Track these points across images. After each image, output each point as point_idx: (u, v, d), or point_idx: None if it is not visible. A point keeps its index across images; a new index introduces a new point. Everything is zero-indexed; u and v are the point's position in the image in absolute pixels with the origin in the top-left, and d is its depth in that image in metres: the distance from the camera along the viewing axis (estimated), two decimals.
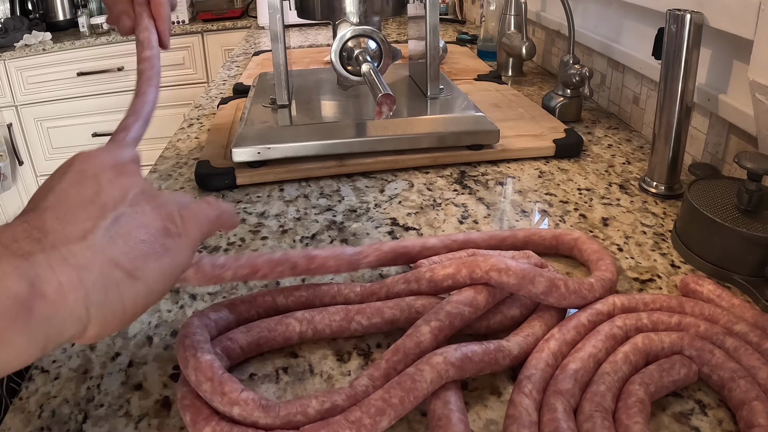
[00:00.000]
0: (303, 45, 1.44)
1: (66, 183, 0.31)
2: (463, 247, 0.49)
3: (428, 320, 0.39)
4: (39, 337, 0.25)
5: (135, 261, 0.29)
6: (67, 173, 0.31)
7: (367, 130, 0.71)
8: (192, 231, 0.33)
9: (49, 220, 0.28)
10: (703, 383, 0.38)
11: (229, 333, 0.40)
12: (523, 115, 0.82)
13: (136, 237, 0.30)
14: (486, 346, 0.38)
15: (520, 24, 1.03)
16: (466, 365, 0.36)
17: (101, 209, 0.30)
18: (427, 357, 0.36)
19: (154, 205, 0.32)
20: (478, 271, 0.41)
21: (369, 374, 0.37)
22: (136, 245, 0.29)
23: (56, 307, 0.25)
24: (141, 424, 0.37)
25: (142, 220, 0.31)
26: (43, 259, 0.26)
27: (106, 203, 0.30)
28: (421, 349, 0.38)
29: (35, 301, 0.25)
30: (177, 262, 0.32)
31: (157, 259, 0.30)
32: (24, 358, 0.25)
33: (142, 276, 0.29)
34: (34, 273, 0.25)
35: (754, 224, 0.46)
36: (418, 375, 0.35)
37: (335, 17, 0.70)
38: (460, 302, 0.40)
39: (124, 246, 0.29)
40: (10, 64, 2.25)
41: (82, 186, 0.30)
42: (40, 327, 0.25)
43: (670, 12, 0.57)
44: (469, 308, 0.40)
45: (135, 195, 0.31)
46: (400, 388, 0.34)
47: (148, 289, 0.30)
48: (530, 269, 0.40)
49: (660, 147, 0.61)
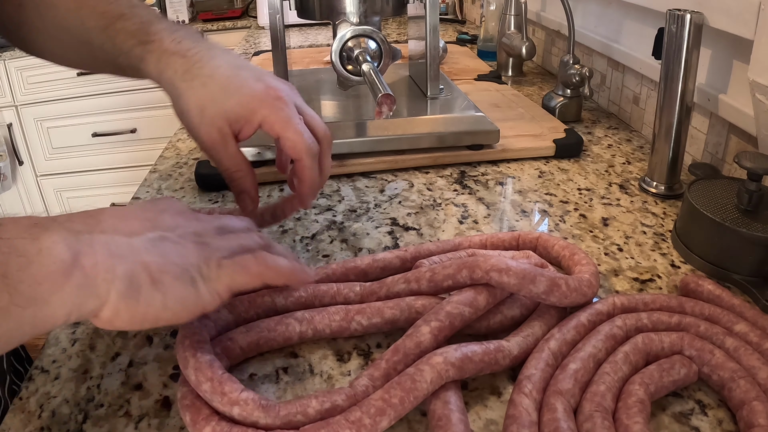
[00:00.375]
0: (303, 45, 1.44)
1: (137, 205, 0.36)
2: (417, 258, 0.49)
3: (428, 320, 0.39)
4: (68, 302, 0.28)
5: (162, 274, 0.32)
6: (146, 203, 0.37)
7: (367, 130, 0.71)
8: (224, 279, 0.34)
9: (106, 217, 0.32)
10: (703, 383, 0.38)
11: (229, 333, 0.41)
12: (523, 115, 0.82)
13: (171, 258, 0.33)
14: (486, 346, 0.38)
15: (520, 24, 1.03)
16: (466, 365, 0.36)
17: (153, 225, 0.34)
18: (427, 357, 0.36)
19: (199, 246, 0.35)
20: (478, 272, 0.41)
21: (369, 374, 0.37)
22: (169, 264, 0.32)
23: (88, 280, 0.29)
24: (141, 424, 0.37)
25: (182, 251, 0.34)
26: (88, 238, 0.30)
27: (158, 224, 0.34)
28: (421, 349, 0.38)
29: (74, 270, 0.28)
30: (198, 298, 0.33)
31: (182, 285, 0.32)
32: (53, 321, 0.28)
33: (162, 289, 0.31)
34: (79, 247, 0.29)
35: (754, 224, 0.46)
36: (418, 375, 0.35)
37: (335, 17, 0.70)
38: (460, 302, 0.40)
39: (159, 259, 0.32)
40: (10, 64, 2.25)
41: (147, 211, 0.35)
42: (72, 293, 0.28)
43: (670, 12, 0.57)
44: (469, 309, 0.40)
45: (186, 232, 0.35)
46: (400, 388, 0.34)
47: (163, 303, 0.31)
48: (531, 269, 0.40)
49: (660, 147, 0.61)
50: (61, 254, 0.28)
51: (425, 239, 0.56)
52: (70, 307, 0.28)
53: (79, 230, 0.30)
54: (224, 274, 0.34)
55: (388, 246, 0.55)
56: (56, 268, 0.28)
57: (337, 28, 0.69)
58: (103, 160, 2.51)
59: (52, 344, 0.44)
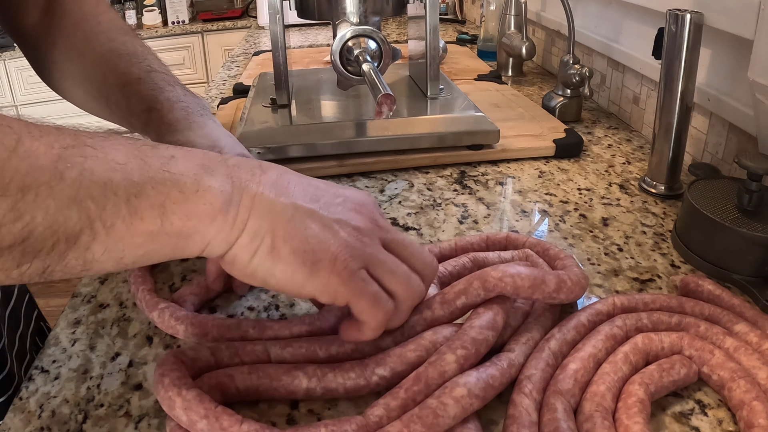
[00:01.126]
0: (303, 45, 1.44)
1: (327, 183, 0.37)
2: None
3: (453, 348, 0.36)
4: (206, 239, 0.31)
5: (284, 244, 0.32)
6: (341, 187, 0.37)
7: (367, 130, 0.71)
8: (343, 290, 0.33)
9: (272, 172, 0.34)
10: (703, 383, 0.38)
11: (229, 369, 0.37)
12: (523, 115, 0.82)
13: (309, 240, 0.33)
14: (500, 365, 0.36)
15: (520, 24, 1.03)
16: (488, 393, 0.35)
17: (312, 199, 0.34)
18: (449, 388, 0.34)
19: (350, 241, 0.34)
20: (491, 281, 0.39)
21: (385, 404, 0.34)
22: (301, 243, 0.33)
23: (226, 225, 0.32)
24: (141, 424, 0.37)
25: (326, 235, 0.33)
26: (242, 189, 0.32)
27: (319, 200, 0.35)
28: (444, 379, 0.35)
29: (219, 215, 0.31)
30: (308, 281, 0.33)
31: (296, 262, 0.33)
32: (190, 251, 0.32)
33: (276, 257, 0.32)
34: (231, 196, 0.32)
35: (754, 224, 0.46)
36: (441, 409, 0.32)
37: (335, 17, 0.70)
38: (483, 327, 0.37)
39: (295, 234, 0.33)
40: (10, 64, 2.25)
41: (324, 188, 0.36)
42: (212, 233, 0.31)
43: (670, 12, 0.57)
44: (492, 332, 0.38)
45: (347, 223, 0.35)
46: (421, 423, 0.32)
47: (271, 270, 0.33)
48: (537, 271, 0.40)
49: (660, 147, 0.61)
50: (213, 199, 0.31)
51: (425, 239, 0.56)
52: (206, 244, 0.32)
53: (239, 178, 0.32)
54: (354, 284, 0.33)
55: None
56: (206, 210, 0.31)
57: (337, 28, 0.69)
58: None
59: (52, 344, 0.44)
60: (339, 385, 0.36)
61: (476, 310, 0.39)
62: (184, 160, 0.31)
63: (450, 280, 0.46)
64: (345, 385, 0.36)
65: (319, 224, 0.33)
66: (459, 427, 0.33)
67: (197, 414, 0.32)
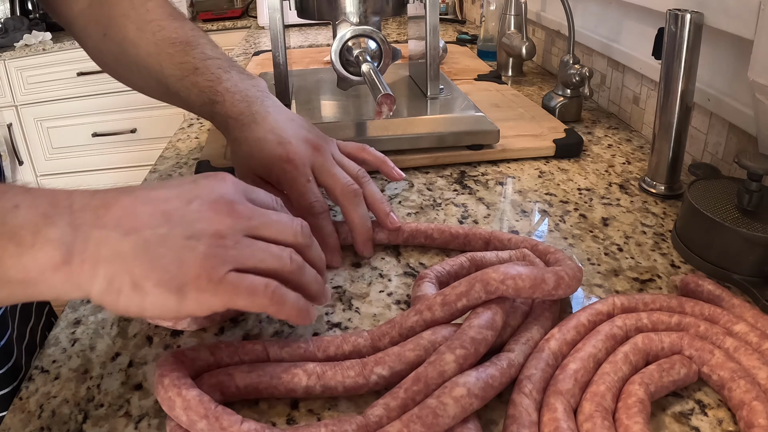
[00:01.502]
0: (303, 45, 1.44)
1: (172, 186, 0.35)
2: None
3: (452, 348, 0.36)
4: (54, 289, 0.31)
5: (144, 280, 0.32)
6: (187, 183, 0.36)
7: (367, 130, 0.71)
8: (222, 296, 0.33)
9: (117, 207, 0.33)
10: (703, 383, 0.38)
11: (229, 368, 0.37)
12: (523, 115, 0.82)
13: (162, 263, 0.32)
14: (500, 365, 0.36)
15: (520, 24, 1.03)
16: (488, 393, 0.35)
17: (164, 220, 0.33)
18: (449, 388, 0.34)
19: (209, 251, 0.33)
20: (492, 283, 0.39)
21: (385, 404, 0.34)
22: (155, 270, 0.32)
23: (73, 276, 0.31)
24: (141, 424, 0.37)
25: (182, 256, 0.32)
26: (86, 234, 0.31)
27: (172, 219, 0.33)
28: (444, 378, 0.35)
29: (62, 266, 0.31)
30: (180, 307, 0.32)
31: (164, 293, 0.32)
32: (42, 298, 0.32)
33: (141, 293, 0.32)
34: (73, 246, 0.31)
35: (754, 224, 0.46)
36: (441, 409, 0.32)
37: (335, 17, 0.70)
38: (482, 326, 0.37)
39: (146, 264, 0.32)
40: (10, 64, 2.25)
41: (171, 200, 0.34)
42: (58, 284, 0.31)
43: (670, 12, 0.57)
44: (491, 332, 0.38)
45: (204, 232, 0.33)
46: (421, 423, 0.32)
47: (141, 306, 0.32)
48: (536, 269, 0.40)
49: (660, 147, 0.61)
50: (52, 252, 0.31)
51: None
52: (57, 293, 0.31)
53: (82, 224, 0.32)
54: (223, 290, 0.33)
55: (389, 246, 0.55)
56: (46, 262, 0.30)
57: (337, 28, 0.69)
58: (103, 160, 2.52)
59: (52, 344, 0.44)
60: (338, 384, 0.36)
61: (475, 310, 0.39)
62: (27, 209, 0.31)
63: (448, 279, 0.46)
64: (344, 383, 0.36)
65: (174, 248, 0.32)
66: (459, 427, 0.33)
67: (197, 414, 0.32)
